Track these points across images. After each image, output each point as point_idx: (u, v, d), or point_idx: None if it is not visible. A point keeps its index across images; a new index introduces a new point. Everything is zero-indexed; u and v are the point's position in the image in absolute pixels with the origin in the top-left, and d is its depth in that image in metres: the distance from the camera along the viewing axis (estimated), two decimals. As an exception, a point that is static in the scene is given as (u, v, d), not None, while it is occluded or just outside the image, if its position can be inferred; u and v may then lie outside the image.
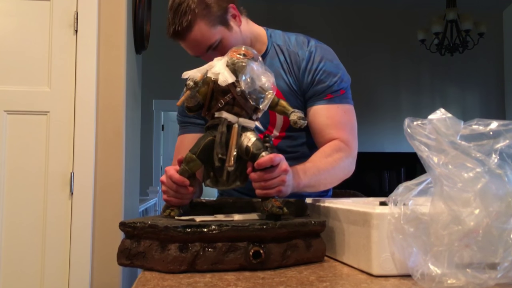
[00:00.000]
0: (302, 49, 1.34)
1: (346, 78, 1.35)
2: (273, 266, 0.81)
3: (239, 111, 0.94)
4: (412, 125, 0.69)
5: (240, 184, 0.97)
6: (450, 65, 6.12)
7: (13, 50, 2.21)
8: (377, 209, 0.74)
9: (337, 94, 1.31)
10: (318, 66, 1.32)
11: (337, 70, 1.33)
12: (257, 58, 0.96)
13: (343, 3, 6.11)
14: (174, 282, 0.72)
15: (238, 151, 0.92)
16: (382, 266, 0.73)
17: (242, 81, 0.92)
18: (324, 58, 1.33)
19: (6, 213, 2.15)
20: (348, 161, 1.29)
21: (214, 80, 0.93)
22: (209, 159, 0.95)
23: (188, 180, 0.98)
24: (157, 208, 5.05)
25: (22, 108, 2.19)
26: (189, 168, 0.98)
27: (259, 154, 0.92)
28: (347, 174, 1.32)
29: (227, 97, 0.93)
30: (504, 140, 0.65)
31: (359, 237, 0.79)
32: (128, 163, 2.39)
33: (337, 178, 1.29)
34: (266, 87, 0.95)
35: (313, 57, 1.32)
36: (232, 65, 0.93)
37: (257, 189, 0.94)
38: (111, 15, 2.29)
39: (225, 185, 0.97)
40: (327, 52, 1.35)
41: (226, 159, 0.92)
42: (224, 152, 0.92)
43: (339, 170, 1.28)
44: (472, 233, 0.60)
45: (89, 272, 2.17)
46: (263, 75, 0.95)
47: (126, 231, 0.86)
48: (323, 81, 1.31)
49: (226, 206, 1.06)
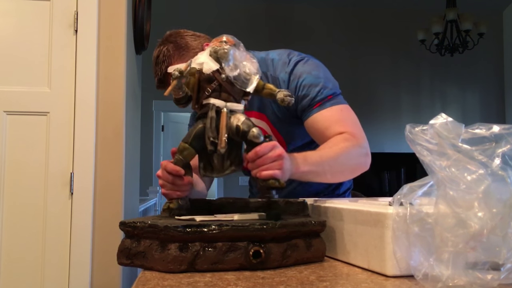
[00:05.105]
0: (282, 71, 1.33)
1: (331, 85, 1.32)
2: (273, 266, 0.81)
3: (226, 97, 0.95)
4: (413, 130, 0.69)
5: (235, 168, 0.98)
6: (450, 65, 6.12)
7: (13, 50, 2.21)
8: (389, 209, 0.74)
9: (325, 100, 1.29)
10: (297, 83, 1.31)
11: (317, 80, 1.30)
12: (238, 45, 0.97)
13: (343, 3, 6.11)
14: (174, 282, 0.72)
15: (229, 132, 0.93)
16: (396, 266, 0.73)
17: (226, 67, 0.93)
18: (303, 73, 1.31)
19: (6, 213, 2.15)
20: (357, 150, 1.24)
21: (199, 70, 0.95)
22: (203, 148, 0.96)
23: (183, 169, 0.99)
24: (157, 208, 5.05)
25: (22, 109, 2.19)
26: (183, 157, 0.98)
27: (250, 131, 0.93)
28: (360, 166, 1.26)
29: (213, 84, 0.94)
30: (506, 144, 0.65)
31: (369, 237, 0.78)
32: (128, 163, 2.39)
33: (347, 168, 1.24)
34: (250, 72, 0.96)
35: (292, 77, 1.32)
36: (215, 53, 0.94)
37: (253, 169, 0.95)
38: (111, 15, 2.29)
39: (221, 172, 0.98)
40: (306, 66, 1.33)
41: (218, 142, 0.93)
42: (216, 135, 0.93)
43: (347, 159, 1.22)
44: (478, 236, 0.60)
45: (89, 272, 2.16)
46: (246, 60, 0.96)
47: (126, 231, 0.86)
48: (306, 95, 1.29)
49: (226, 206, 1.06)
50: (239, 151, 0.97)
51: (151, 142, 5.77)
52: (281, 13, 6.05)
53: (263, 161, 0.94)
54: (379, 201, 1.01)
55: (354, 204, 0.89)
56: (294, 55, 1.36)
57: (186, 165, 1.00)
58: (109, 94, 2.26)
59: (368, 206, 0.82)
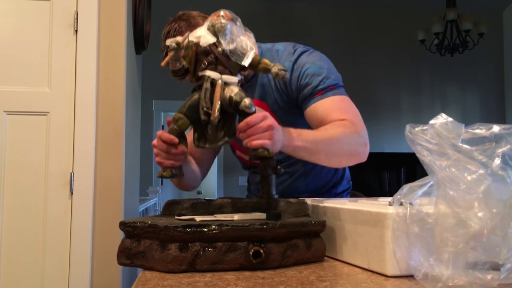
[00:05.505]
0: (286, 60, 1.34)
1: (334, 76, 1.32)
2: (273, 266, 0.81)
3: (222, 70, 0.97)
4: (414, 131, 0.69)
5: (228, 139, 0.99)
6: (450, 65, 6.12)
7: (13, 50, 2.21)
8: (389, 209, 0.74)
9: (327, 90, 1.29)
10: (300, 72, 1.31)
11: (320, 70, 1.31)
12: (236, 20, 0.99)
13: (343, 3, 6.11)
14: (174, 282, 0.72)
15: (222, 103, 0.95)
16: (396, 266, 0.73)
17: (223, 41, 0.95)
18: (306, 63, 1.32)
19: (6, 213, 2.15)
20: (355, 137, 1.23)
21: (196, 43, 0.97)
22: (197, 119, 0.98)
23: (177, 138, 1.02)
24: (157, 208, 5.05)
25: (22, 109, 2.19)
26: (178, 127, 1.01)
27: (242, 101, 0.95)
28: (357, 153, 1.24)
29: (210, 57, 0.96)
30: (506, 144, 0.65)
31: (369, 237, 0.78)
32: (128, 163, 2.39)
33: (344, 153, 1.22)
34: (246, 46, 0.97)
35: (296, 66, 1.33)
36: (212, 27, 0.96)
37: (244, 139, 0.97)
38: (111, 15, 2.29)
39: (214, 142, 1.00)
40: (310, 57, 1.34)
41: (211, 112, 0.95)
42: (209, 106, 0.95)
43: (344, 143, 1.20)
44: (478, 236, 0.60)
45: (89, 272, 2.16)
46: (242, 35, 0.98)
47: (126, 231, 0.86)
48: (308, 83, 1.30)
49: (226, 206, 1.06)
50: (233, 122, 1.00)
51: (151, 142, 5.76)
52: (281, 12, 6.05)
53: (254, 131, 0.96)
54: (379, 201, 1.01)
55: (354, 204, 0.89)
56: (299, 47, 1.38)
57: (180, 135, 1.02)
58: (109, 94, 2.26)
59: (368, 206, 0.82)
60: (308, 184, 1.43)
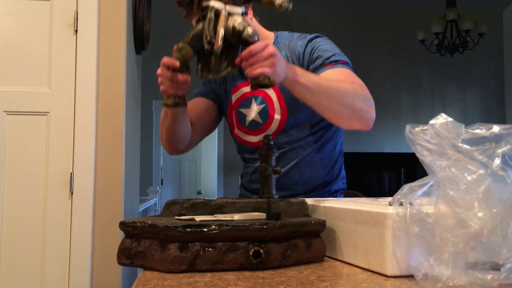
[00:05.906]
0: (301, 40, 1.40)
1: (345, 59, 1.35)
2: (273, 265, 0.81)
3: (226, 1, 0.98)
4: (413, 131, 0.69)
5: (231, 70, 1.00)
6: (450, 65, 6.12)
7: (13, 50, 2.21)
8: (389, 209, 0.74)
9: (338, 62, 1.31)
10: (314, 47, 1.36)
11: (333, 49, 1.35)
12: None
13: (343, 3, 6.11)
14: (174, 282, 0.72)
15: (225, 33, 0.96)
16: (396, 266, 0.73)
17: None
18: (321, 41, 1.38)
19: (6, 213, 2.15)
20: (360, 96, 1.22)
21: None
22: (201, 49, 0.99)
23: (178, 61, 1.02)
24: (157, 208, 5.06)
25: (22, 109, 2.19)
26: (181, 56, 1.02)
27: (244, 30, 0.95)
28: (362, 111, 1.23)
29: None
30: (506, 144, 0.65)
31: (369, 237, 0.78)
32: (128, 163, 2.39)
33: (348, 104, 1.19)
34: None
35: (310, 43, 1.37)
36: None
37: (246, 68, 0.98)
38: (111, 15, 2.29)
39: (218, 72, 1.01)
40: (325, 40, 1.40)
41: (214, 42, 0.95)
42: (213, 35, 0.96)
43: (349, 96, 1.18)
44: (478, 236, 0.60)
45: (89, 272, 2.16)
46: None
47: (126, 231, 0.86)
48: (320, 56, 1.33)
49: (226, 206, 1.06)
50: (236, 53, 1.00)
51: (151, 142, 5.76)
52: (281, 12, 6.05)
53: (256, 59, 0.97)
54: (379, 201, 1.01)
55: (354, 204, 0.89)
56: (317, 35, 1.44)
57: (184, 64, 1.03)
58: (109, 94, 2.27)
59: (368, 206, 0.82)
60: (303, 174, 1.42)
